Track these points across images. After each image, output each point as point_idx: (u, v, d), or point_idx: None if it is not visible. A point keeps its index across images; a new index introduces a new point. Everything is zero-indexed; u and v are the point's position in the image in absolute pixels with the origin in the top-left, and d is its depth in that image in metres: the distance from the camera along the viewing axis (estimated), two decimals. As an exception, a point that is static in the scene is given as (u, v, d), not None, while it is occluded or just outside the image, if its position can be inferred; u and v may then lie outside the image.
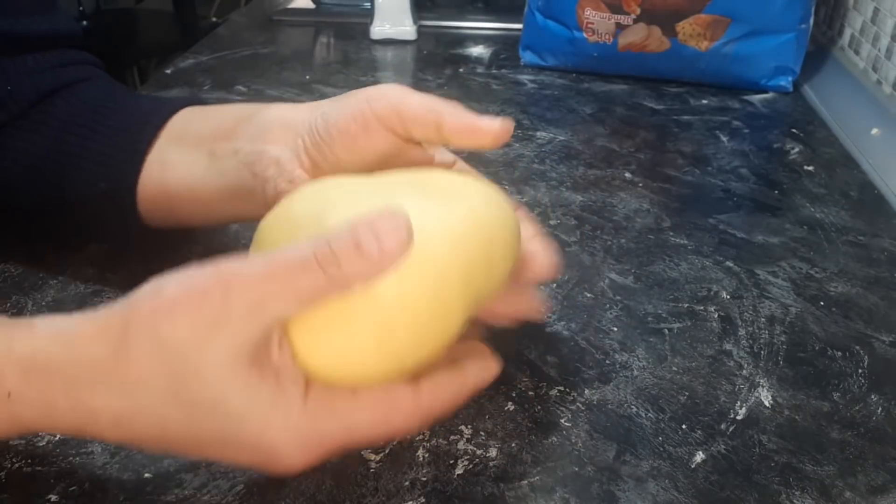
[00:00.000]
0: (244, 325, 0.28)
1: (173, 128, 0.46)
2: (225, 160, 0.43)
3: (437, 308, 0.33)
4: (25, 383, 0.29)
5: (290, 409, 0.29)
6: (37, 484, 0.36)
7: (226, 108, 0.46)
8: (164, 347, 0.28)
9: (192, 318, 0.28)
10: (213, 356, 0.28)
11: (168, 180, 0.44)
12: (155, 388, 0.29)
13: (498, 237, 0.36)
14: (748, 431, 0.40)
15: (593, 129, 0.77)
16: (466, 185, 0.38)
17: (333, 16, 1.09)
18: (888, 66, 0.78)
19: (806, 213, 0.62)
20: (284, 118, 0.41)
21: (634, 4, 0.84)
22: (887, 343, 0.47)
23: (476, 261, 0.34)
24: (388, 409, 0.31)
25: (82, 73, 0.51)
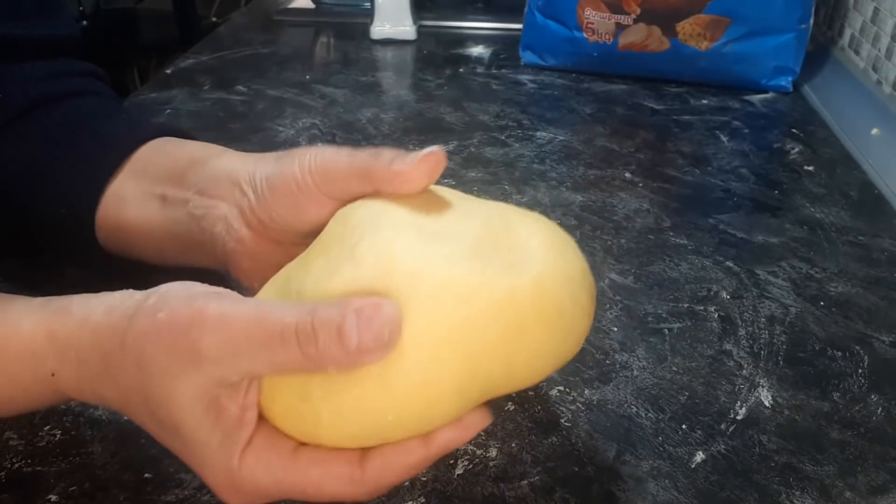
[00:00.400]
0: (213, 369, 0.29)
1: (137, 161, 0.45)
2: (176, 209, 0.42)
3: (420, 398, 0.30)
4: (63, 367, 0.33)
5: (229, 458, 0.30)
6: (37, 484, 0.36)
7: (184, 148, 0.45)
8: (144, 369, 0.30)
9: (169, 351, 0.29)
10: (181, 390, 0.30)
11: (123, 219, 0.44)
12: (134, 398, 0.31)
13: (547, 316, 0.31)
14: (748, 431, 0.40)
15: (593, 129, 0.77)
16: (539, 240, 0.33)
17: (333, 16, 1.09)
18: (888, 66, 0.78)
19: (806, 213, 0.62)
20: (230, 171, 0.40)
21: (634, 4, 0.84)
22: (887, 343, 0.47)
23: (493, 348, 0.30)
24: (320, 477, 0.31)
25: (75, 86, 0.50)
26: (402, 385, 0.29)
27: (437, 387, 0.30)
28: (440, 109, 0.80)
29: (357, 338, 0.28)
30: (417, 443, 0.31)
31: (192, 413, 0.30)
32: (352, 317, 0.28)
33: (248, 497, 0.31)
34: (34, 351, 0.33)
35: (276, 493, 0.31)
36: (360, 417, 0.30)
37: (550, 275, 0.31)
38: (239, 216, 0.40)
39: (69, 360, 0.33)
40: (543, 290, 0.31)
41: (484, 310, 0.29)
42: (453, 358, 0.29)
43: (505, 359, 0.30)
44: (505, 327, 0.30)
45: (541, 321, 0.31)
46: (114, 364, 0.31)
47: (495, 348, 0.30)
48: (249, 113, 0.78)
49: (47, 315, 0.34)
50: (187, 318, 0.29)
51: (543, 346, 0.31)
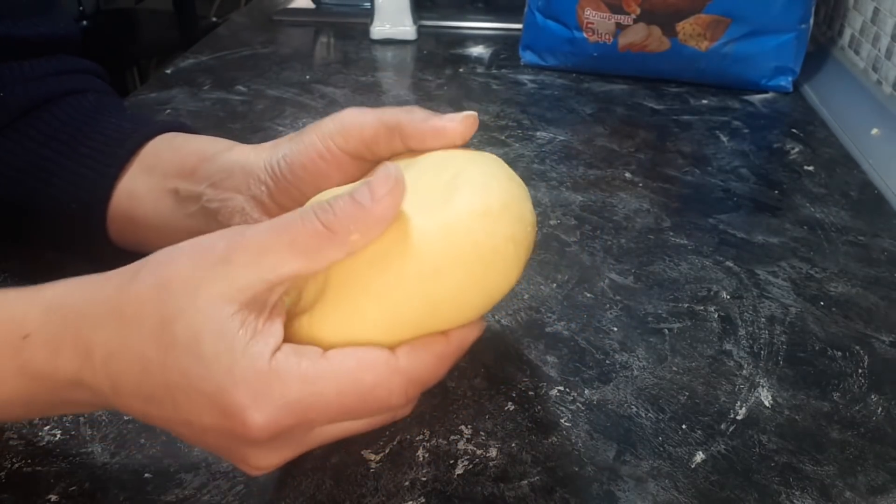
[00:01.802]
0: (242, 273, 0.29)
1: (145, 157, 0.45)
2: (189, 203, 0.43)
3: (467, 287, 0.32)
4: (44, 322, 0.30)
5: (255, 361, 0.28)
6: (37, 484, 0.36)
7: (192, 143, 0.45)
8: (162, 286, 0.29)
9: (195, 261, 0.29)
10: (204, 296, 0.29)
11: (136, 214, 0.45)
12: (144, 326, 0.29)
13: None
14: (748, 431, 0.40)
15: (593, 129, 0.77)
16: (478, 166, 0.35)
17: (333, 16, 1.09)
18: (888, 66, 0.78)
19: (806, 213, 0.62)
20: (244, 163, 0.41)
21: (634, 4, 0.84)
22: (887, 343, 0.47)
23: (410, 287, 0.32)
24: (358, 369, 0.30)
25: (76, 84, 0.50)
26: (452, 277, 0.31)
27: (361, 326, 0.31)
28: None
29: (369, 194, 0.29)
30: (437, 336, 0.32)
31: (216, 318, 0.28)
32: (360, 184, 0.30)
33: (276, 407, 0.29)
34: (13, 314, 0.31)
35: (309, 399, 0.29)
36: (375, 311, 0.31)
37: (462, 212, 0.32)
38: (257, 207, 0.40)
39: (53, 316, 0.31)
40: (451, 230, 0.32)
41: (398, 253, 0.31)
42: (371, 304, 0.31)
43: (424, 297, 0.31)
44: (419, 269, 0.31)
45: (455, 261, 0.31)
46: (117, 301, 0.30)
47: (413, 287, 0.31)
48: (249, 113, 0.78)
49: (38, 286, 0.32)
50: (211, 238, 0.30)
51: (463, 284, 0.32)
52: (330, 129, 0.38)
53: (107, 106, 0.50)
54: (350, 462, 0.38)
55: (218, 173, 0.41)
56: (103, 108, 0.49)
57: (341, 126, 0.37)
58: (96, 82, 0.52)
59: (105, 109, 0.49)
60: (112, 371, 0.30)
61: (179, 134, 0.47)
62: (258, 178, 0.40)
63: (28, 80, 0.48)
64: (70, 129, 0.47)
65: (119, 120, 0.48)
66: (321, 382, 0.29)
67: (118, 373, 0.30)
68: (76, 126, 0.47)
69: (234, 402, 0.28)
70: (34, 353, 0.30)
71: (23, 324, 0.31)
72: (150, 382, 0.29)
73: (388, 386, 0.30)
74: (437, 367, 0.32)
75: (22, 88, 0.47)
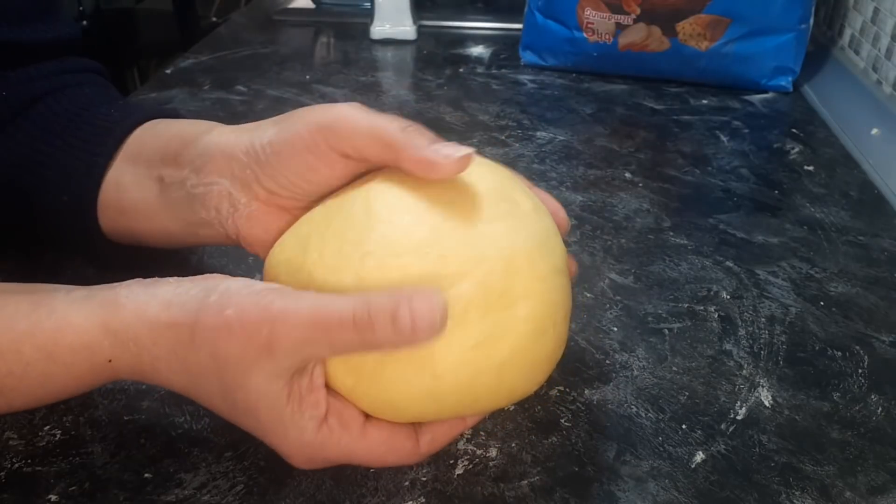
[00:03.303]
0: (284, 359, 0.32)
1: (130, 146, 0.45)
2: (174, 190, 0.42)
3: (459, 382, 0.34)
4: (121, 353, 0.35)
5: (303, 433, 0.34)
6: (37, 484, 0.36)
7: (173, 128, 0.45)
8: (217, 359, 0.33)
9: (244, 345, 0.32)
10: (256, 377, 0.32)
11: (124, 204, 0.45)
12: (208, 384, 0.34)
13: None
14: (748, 431, 0.40)
15: (593, 129, 0.77)
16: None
17: (333, 16, 1.09)
18: (888, 66, 0.78)
19: (806, 213, 0.62)
20: (224, 146, 0.40)
21: (634, 4, 0.84)
22: (887, 343, 0.47)
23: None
24: (387, 450, 0.35)
25: (75, 79, 0.50)
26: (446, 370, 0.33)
27: (393, 413, 0.35)
28: (440, 109, 0.80)
29: (410, 323, 0.31)
30: (457, 421, 0.37)
31: (267, 396, 0.33)
32: (405, 304, 0.31)
33: (320, 464, 0.35)
34: (88, 343, 0.35)
35: (344, 460, 0.35)
36: (409, 401, 0.34)
37: (516, 362, 0.34)
38: (242, 190, 0.39)
39: (128, 350, 0.35)
40: (502, 376, 0.34)
41: (446, 385, 0.34)
42: (406, 399, 0.34)
43: (454, 412, 0.36)
44: (459, 400, 0.35)
45: (493, 397, 0.35)
46: (183, 355, 0.33)
47: (447, 410, 0.35)
48: (249, 113, 0.78)
49: (95, 308, 0.35)
50: (257, 316, 0.32)
51: (490, 407, 0.37)
52: (320, 123, 0.36)
53: (101, 97, 0.50)
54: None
55: (199, 157, 0.40)
56: (97, 99, 0.49)
57: (333, 124, 0.36)
58: (95, 78, 0.52)
59: (97, 101, 0.49)
60: (190, 397, 0.36)
61: (162, 120, 0.46)
62: (241, 162, 0.39)
63: (32, 80, 0.48)
64: (63, 122, 0.47)
65: (108, 109, 0.48)
66: (356, 454, 0.35)
67: (195, 398, 0.35)
68: (68, 118, 0.47)
69: (288, 457, 0.35)
70: (120, 371, 0.36)
71: (101, 352, 0.35)
72: (223, 416, 0.35)
73: (407, 461, 0.36)
74: (448, 443, 0.38)
75: (24, 88, 0.48)
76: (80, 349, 0.35)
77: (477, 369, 0.33)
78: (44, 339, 0.35)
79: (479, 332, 0.33)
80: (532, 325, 0.34)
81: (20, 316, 0.35)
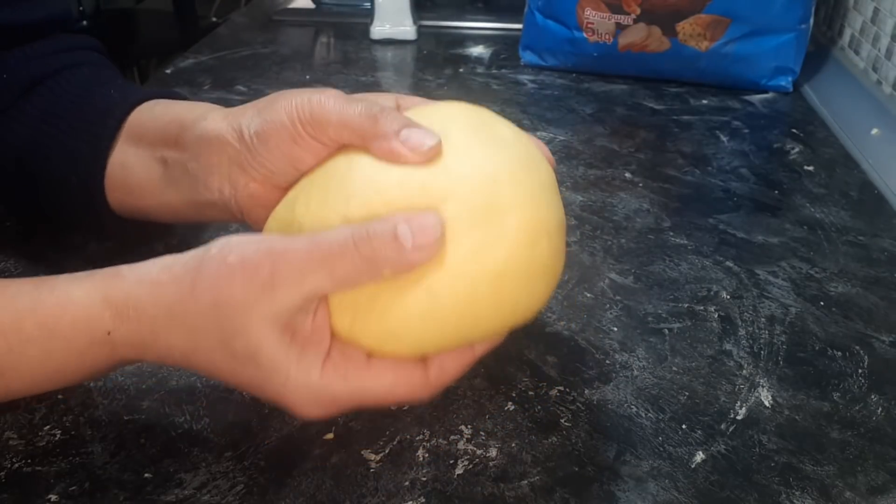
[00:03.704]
0: (285, 294, 0.32)
1: (131, 126, 0.46)
2: (177, 172, 0.43)
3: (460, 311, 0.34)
4: (120, 324, 0.35)
5: (309, 372, 0.33)
6: (37, 484, 0.36)
7: (171, 111, 0.46)
8: (219, 305, 0.33)
9: (245, 285, 0.32)
10: (256, 317, 0.32)
11: (131, 183, 0.46)
12: (209, 337, 0.34)
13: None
14: (748, 431, 0.40)
15: (593, 129, 0.77)
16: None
17: (333, 16, 1.09)
18: (888, 66, 0.78)
19: (806, 213, 0.62)
20: (218, 132, 0.41)
21: (634, 4, 0.84)
22: (887, 343, 0.47)
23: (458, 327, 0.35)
24: (395, 380, 0.35)
25: (73, 59, 0.51)
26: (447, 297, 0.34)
27: (397, 344, 0.35)
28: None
29: (411, 238, 0.32)
30: (465, 349, 0.36)
31: (269, 337, 0.33)
32: (403, 222, 0.32)
33: (326, 408, 0.35)
34: (88, 316, 0.35)
35: (351, 401, 0.35)
36: (409, 326, 0.34)
37: (512, 269, 0.34)
38: (240, 173, 0.40)
39: (127, 318, 0.35)
40: (501, 286, 0.34)
41: (444, 302, 0.34)
42: (411, 325, 0.34)
43: (457, 335, 0.35)
44: (461, 318, 0.34)
45: (495, 312, 0.35)
46: (182, 310, 0.34)
47: (450, 332, 0.35)
48: (249, 113, 0.78)
49: (96, 282, 0.36)
50: (258, 257, 0.33)
51: (493, 327, 0.36)
52: (300, 114, 0.38)
53: (100, 78, 0.51)
54: (350, 462, 0.38)
55: (197, 142, 0.42)
56: (97, 80, 0.50)
57: (310, 115, 0.37)
58: (93, 56, 0.53)
59: (98, 82, 0.50)
60: (190, 363, 0.35)
61: (161, 101, 0.48)
62: (234, 148, 0.40)
63: (30, 60, 0.49)
64: (65, 104, 0.48)
65: (109, 90, 0.49)
66: (364, 390, 0.34)
67: (195, 365, 0.35)
68: (70, 100, 0.48)
69: (292, 404, 0.34)
70: (119, 348, 0.36)
71: (101, 325, 0.35)
72: (222, 376, 0.35)
73: (417, 395, 0.36)
74: (459, 374, 0.37)
75: (24, 69, 0.49)
76: (80, 322, 0.35)
77: (473, 281, 0.33)
78: (45, 314, 0.35)
79: (470, 244, 0.33)
80: (524, 234, 0.34)
81: (22, 294, 0.36)
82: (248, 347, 0.33)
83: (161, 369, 0.43)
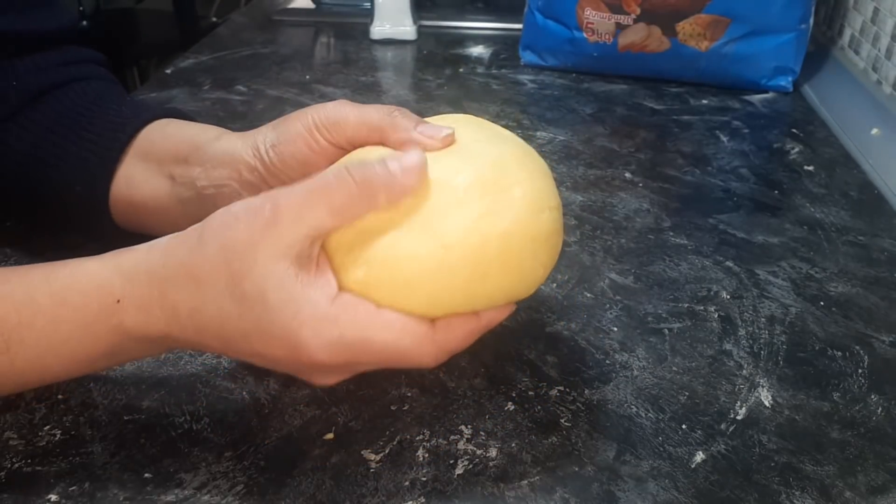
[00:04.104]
0: (287, 230, 0.33)
1: (141, 143, 0.47)
2: (185, 189, 0.45)
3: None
4: (130, 288, 0.35)
5: (317, 306, 0.34)
6: (37, 484, 0.36)
7: (184, 131, 0.47)
8: (226, 249, 0.34)
9: (249, 225, 0.34)
10: (262, 255, 0.33)
11: (135, 198, 0.47)
12: (217, 284, 0.34)
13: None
14: (748, 431, 0.40)
15: (593, 129, 0.77)
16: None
17: (333, 16, 1.09)
18: (888, 66, 0.78)
19: (806, 213, 0.62)
20: (232, 152, 0.43)
21: (634, 4, 0.84)
22: (887, 343, 0.47)
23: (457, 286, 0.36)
24: (403, 329, 0.35)
25: (80, 73, 0.52)
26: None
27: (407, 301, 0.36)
28: (440, 109, 0.80)
29: (400, 164, 0.34)
30: (471, 315, 0.37)
31: (277, 271, 0.33)
32: (391, 157, 0.35)
33: (334, 346, 0.34)
34: (99, 283, 0.36)
35: (358, 344, 0.35)
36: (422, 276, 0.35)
37: (519, 232, 0.36)
38: (251, 191, 0.42)
39: (137, 282, 0.35)
40: (510, 246, 0.36)
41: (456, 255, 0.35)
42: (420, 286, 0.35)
43: (466, 292, 0.36)
44: (471, 272, 0.35)
45: (502, 270, 0.36)
46: (190, 262, 0.34)
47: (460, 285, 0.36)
48: (249, 113, 0.78)
49: (111, 255, 0.37)
50: (259, 200, 0.34)
51: (500, 287, 0.37)
52: (316, 120, 0.40)
53: (108, 93, 0.52)
54: (350, 462, 0.38)
55: (209, 162, 0.44)
56: (105, 95, 0.51)
57: (327, 119, 0.40)
58: (99, 71, 0.54)
59: (106, 96, 0.51)
60: (196, 323, 0.35)
61: (173, 121, 0.49)
62: (248, 165, 0.42)
63: (39, 70, 0.50)
64: (73, 115, 0.49)
65: (119, 106, 0.50)
66: (370, 332, 0.35)
67: (201, 323, 0.35)
68: (79, 112, 0.49)
69: (300, 341, 0.34)
70: (126, 315, 0.35)
71: (111, 291, 0.35)
72: (229, 328, 0.35)
73: (421, 350, 0.36)
74: (465, 341, 0.37)
75: (33, 78, 0.49)
76: (91, 290, 0.36)
77: (484, 237, 0.35)
78: (58, 285, 0.36)
79: (481, 206, 0.35)
80: (529, 203, 0.36)
81: (36, 269, 0.37)
82: (256, 285, 0.33)
83: (161, 369, 0.43)
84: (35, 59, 0.50)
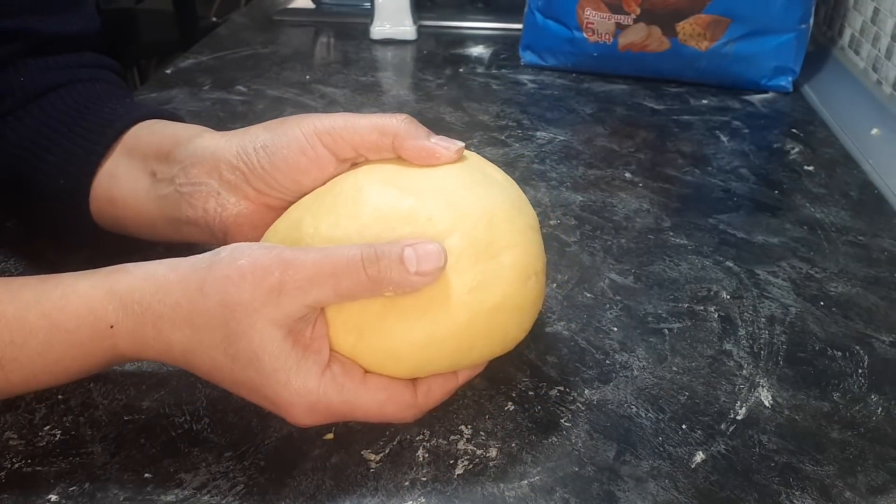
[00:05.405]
0: (290, 301, 0.34)
1: (128, 140, 0.47)
2: (164, 185, 0.44)
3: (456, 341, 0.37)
4: (124, 317, 0.36)
5: (307, 379, 0.35)
6: (37, 484, 0.36)
7: (169, 128, 0.47)
8: (226, 306, 0.34)
9: (254, 288, 0.34)
10: (261, 321, 0.34)
11: (114, 194, 0.46)
12: (213, 336, 0.35)
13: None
14: (748, 431, 0.40)
15: (593, 129, 0.77)
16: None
17: (333, 16, 1.09)
18: (888, 66, 0.78)
19: (806, 213, 0.62)
20: (214, 149, 0.42)
21: (634, 4, 0.84)
22: (887, 343, 0.47)
23: (445, 357, 0.38)
24: (387, 398, 0.37)
25: (90, 74, 0.52)
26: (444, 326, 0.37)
27: (395, 367, 0.38)
28: (440, 109, 0.80)
29: (416, 263, 0.34)
30: (450, 375, 0.39)
31: (271, 341, 0.34)
32: (409, 248, 0.34)
33: (319, 414, 0.36)
34: (92, 307, 0.36)
35: (343, 412, 0.36)
36: (410, 349, 0.36)
37: (507, 305, 0.37)
38: (231, 191, 0.41)
39: (132, 312, 0.35)
40: (497, 320, 0.37)
41: (444, 331, 0.36)
42: (408, 354, 0.37)
43: (451, 361, 0.38)
44: (458, 345, 0.37)
45: (487, 340, 0.38)
46: (188, 308, 0.35)
47: (446, 357, 0.37)
48: (249, 113, 0.78)
49: (102, 276, 0.37)
50: (268, 262, 0.34)
51: (483, 354, 0.39)
52: (318, 127, 0.40)
53: (111, 94, 0.51)
54: (350, 462, 0.38)
55: (189, 158, 0.43)
56: (107, 95, 0.51)
57: (332, 126, 0.39)
58: (109, 75, 0.54)
59: (107, 96, 0.51)
60: (189, 362, 0.36)
61: (161, 120, 0.49)
62: (230, 164, 0.41)
63: (49, 70, 0.50)
64: (70, 112, 0.48)
65: (114, 105, 0.49)
66: (357, 403, 0.36)
67: (193, 364, 0.36)
68: (76, 109, 0.49)
69: (289, 406, 0.35)
70: (120, 340, 0.36)
71: (104, 317, 0.36)
72: (219, 376, 0.36)
73: (403, 413, 0.38)
74: (443, 398, 0.40)
75: (41, 77, 0.49)
76: (84, 314, 0.36)
77: (473, 313, 0.36)
78: (49, 305, 0.36)
79: (472, 279, 0.36)
80: (517, 272, 0.37)
81: (27, 288, 0.37)
82: (251, 349, 0.34)
83: (161, 369, 0.43)
84: (48, 59, 0.50)
